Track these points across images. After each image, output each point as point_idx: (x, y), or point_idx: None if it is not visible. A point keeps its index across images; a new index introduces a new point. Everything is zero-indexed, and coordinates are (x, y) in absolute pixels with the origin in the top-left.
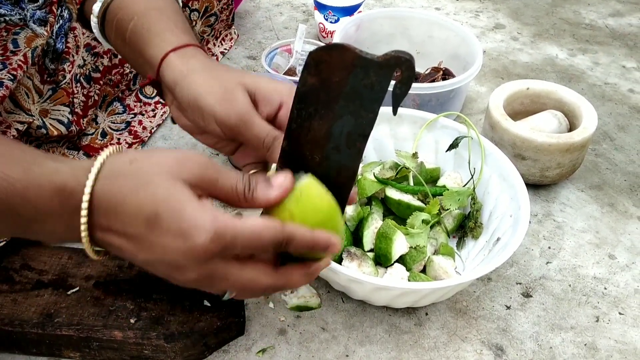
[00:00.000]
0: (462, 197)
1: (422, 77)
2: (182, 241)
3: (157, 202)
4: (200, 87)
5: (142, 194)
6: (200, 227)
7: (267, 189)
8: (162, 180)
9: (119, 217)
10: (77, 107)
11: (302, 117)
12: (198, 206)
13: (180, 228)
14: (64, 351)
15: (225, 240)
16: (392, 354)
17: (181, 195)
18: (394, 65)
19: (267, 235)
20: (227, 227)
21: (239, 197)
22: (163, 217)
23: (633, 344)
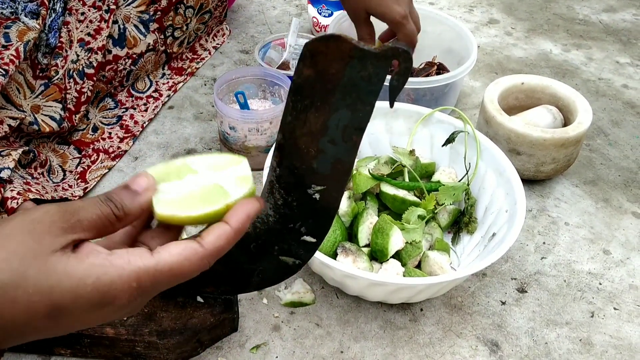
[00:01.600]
0: (457, 192)
1: (417, 72)
2: (103, 309)
3: (47, 296)
4: None
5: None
6: (114, 290)
7: (134, 197)
8: (31, 269)
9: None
10: (69, 104)
11: (297, 110)
12: (96, 267)
13: (93, 302)
14: (55, 348)
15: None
16: (387, 349)
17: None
18: (391, 56)
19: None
20: (141, 274)
21: (110, 221)
22: (65, 304)
23: (628, 339)
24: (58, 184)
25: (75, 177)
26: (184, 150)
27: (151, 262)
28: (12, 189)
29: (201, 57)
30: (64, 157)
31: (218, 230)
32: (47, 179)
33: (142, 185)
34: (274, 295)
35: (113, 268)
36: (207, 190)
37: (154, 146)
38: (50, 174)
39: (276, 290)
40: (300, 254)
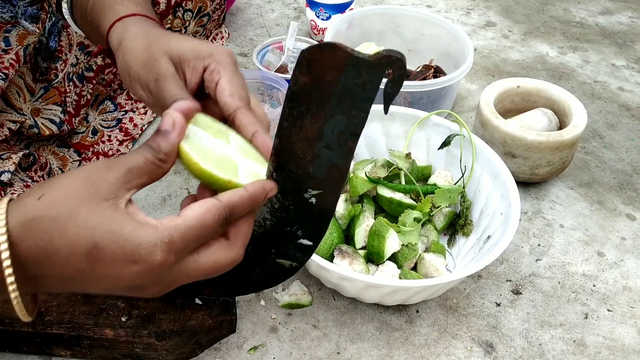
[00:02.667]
0: (453, 194)
1: (414, 75)
2: (134, 265)
3: (91, 232)
4: (131, 54)
5: (70, 230)
6: (146, 244)
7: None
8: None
9: (52, 261)
10: (69, 107)
11: (293, 116)
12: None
13: (126, 252)
14: (55, 349)
15: (177, 245)
16: (383, 351)
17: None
18: (386, 64)
19: (211, 218)
20: (172, 231)
21: (156, 164)
22: (103, 245)
23: (621, 340)
24: None
25: None
26: None
27: (178, 220)
28: (13, 192)
29: None
30: (64, 160)
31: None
32: None
33: (169, 123)
34: (271, 297)
35: (149, 227)
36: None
37: None
38: (51, 176)
39: (274, 292)
40: (297, 256)
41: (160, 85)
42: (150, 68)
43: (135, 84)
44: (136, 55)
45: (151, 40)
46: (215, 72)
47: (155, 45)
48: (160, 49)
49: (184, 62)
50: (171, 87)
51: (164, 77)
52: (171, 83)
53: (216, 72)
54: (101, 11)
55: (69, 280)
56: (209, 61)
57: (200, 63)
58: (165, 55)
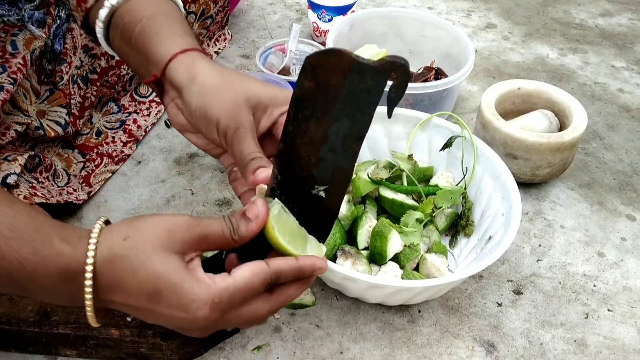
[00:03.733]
0: (455, 195)
1: (415, 77)
2: (185, 314)
3: (157, 279)
4: (211, 95)
5: (141, 273)
6: (198, 301)
7: (248, 224)
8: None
9: (121, 294)
10: (73, 108)
11: (298, 120)
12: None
13: (181, 303)
14: (61, 349)
15: (223, 305)
16: (385, 350)
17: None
18: (390, 69)
19: (258, 281)
20: (222, 292)
21: (228, 242)
22: (164, 293)
23: (621, 340)
24: (63, 188)
25: (79, 181)
26: (186, 154)
27: (229, 281)
28: (19, 193)
29: None
30: (69, 161)
31: (285, 259)
32: (52, 183)
33: (255, 213)
34: None
35: (204, 285)
36: (297, 234)
37: (157, 150)
38: (55, 178)
39: None
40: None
41: (240, 136)
42: (233, 116)
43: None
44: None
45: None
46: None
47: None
48: (242, 95)
49: (262, 109)
50: (250, 141)
51: (244, 129)
52: (250, 137)
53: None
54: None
55: (131, 309)
56: (285, 108)
57: (278, 111)
58: (247, 103)
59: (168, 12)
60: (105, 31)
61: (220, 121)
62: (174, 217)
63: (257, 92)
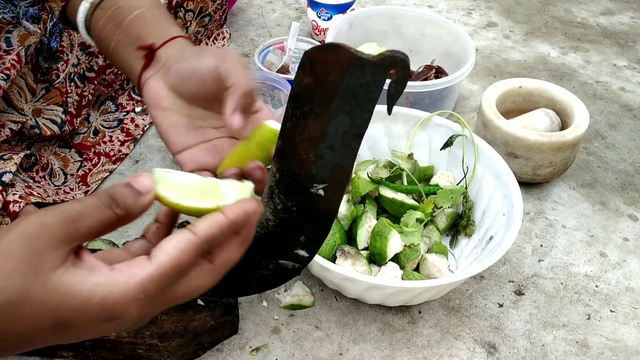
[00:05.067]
0: (455, 195)
1: (415, 75)
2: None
3: (54, 314)
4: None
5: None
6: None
7: (138, 197)
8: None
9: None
10: (70, 107)
11: (296, 116)
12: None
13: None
14: (57, 351)
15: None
16: (385, 352)
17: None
18: (389, 65)
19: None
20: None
21: (110, 223)
22: (72, 321)
23: (624, 341)
24: (59, 187)
25: (76, 180)
26: None
27: (151, 268)
28: (14, 192)
29: None
30: (66, 161)
31: (211, 219)
32: (49, 183)
33: (146, 185)
34: (273, 298)
35: (117, 286)
36: (206, 186)
37: (154, 149)
38: (52, 177)
39: (276, 293)
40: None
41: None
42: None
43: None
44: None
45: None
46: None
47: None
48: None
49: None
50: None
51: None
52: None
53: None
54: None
55: (40, 345)
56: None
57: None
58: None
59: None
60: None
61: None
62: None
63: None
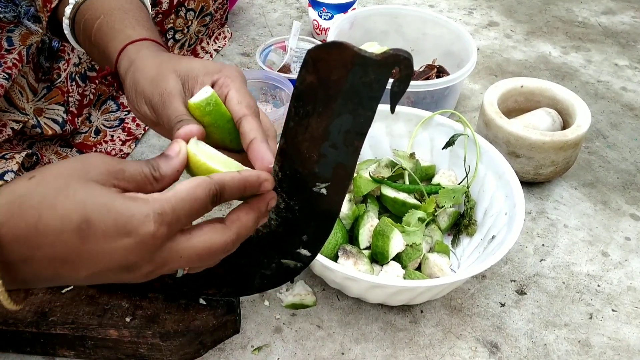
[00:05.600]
0: (457, 194)
1: (417, 75)
2: (127, 237)
3: (82, 206)
4: (141, 72)
5: (60, 204)
6: (138, 214)
7: (168, 161)
8: (75, 183)
9: (41, 239)
10: (72, 106)
11: (299, 115)
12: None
13: (119, 224)
14: (59, 350)
15: (169, 217)
16: (387, 351)
17: (102, 192)
18: (393, 63)
19: (202, 192)
20: (163, 203)
21: (149, 179)
22: (95, 218)
23: (626, 340)
24: None
25: None
26: None
27: (169, 193)
28: None
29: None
30: None
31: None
32: None
33: (176, 150)
34: (275, 297)
35: (140, 199)
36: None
37: (156, 149)
38: None
39: (278, 292)
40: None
41: (164, 100)
42: (157, 84)
43: (140, 99)
44: (146, 73)
45: (162, 60)
46: (224, 85)
47: (165, 64)
48: (170, 67)
49: (192, 79)
50: (176, 105)
51: (169, 94)
52: (176, 100)
53: (225, 85)
54: (110, 33)
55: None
56: (217, 76)
57: (209, 78)
58: (174, 73)
59: (125, 7)
60: (71, 28)
61: (145, 91)
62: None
63: (186, 64)
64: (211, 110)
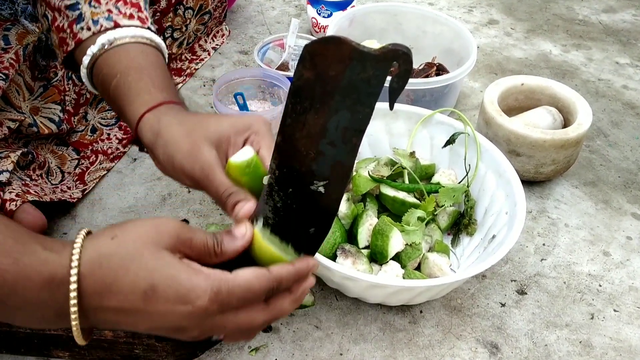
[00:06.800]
0: (457, 193)
1: (416, 73)
2: (183, 306)
3: (151, 274)
4: (172, 145)
5: (133, 270)
6: (197, 289)
7: (233, 241)
8: (148, 252)
9: (113, 296)
10: (68, 105)
11: (296, 112)
12: (189, 269)
13: (179, 294)
14: (53, 351)
15: (222, 296)
16: (386, 352)
17: (170, 262)
18: (391, 58)
19: (259, 286)
20: (222, 283)
21: (210, 252)
22: (160, 287)
23: (628, 341)
24: (57, 186)
25: (73, 178)
26: None
27: (230, 276)
28: (11, 190)
29: (200, 58)
30: (63, 159)
31: (284, 265)
32: (46, 181)
33: (242, 232)
34: None
35: (202, 274)
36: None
37: None
38: (49, 175)
39: None
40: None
41: (206, 174)
42: (195, 158)
43: (179, 174)
44: (178, 146)
45: (189, 127)
46: (255, 142)
47: (194, 133)
48: (201, 136)
49: (225, 142)
50: (220, 177)
51: (209, 167)
52: (218, 172)
53: (256, 142)
54: (127, 95)
55: (122, 315)
56: (248, 133)
57: (241, 138)
58: (207, 142)
59: (141, 65)
60: (89, 77)
61: (184, 168)
62: (162, 218)
63: (215, 127)
64: (250, 171)
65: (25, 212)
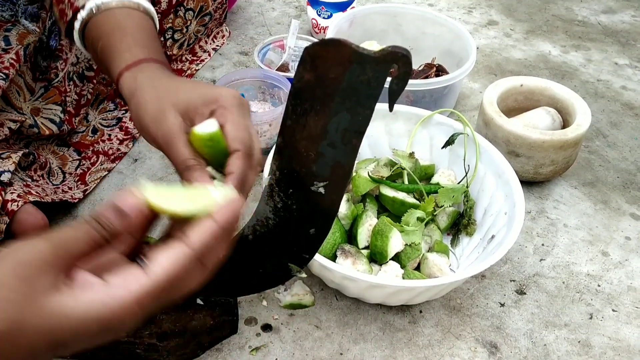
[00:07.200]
0: (457, 194)
1: (416, 74)
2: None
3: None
4: (142, 108)
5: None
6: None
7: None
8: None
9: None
10: (69, 106)
11: (297, 114)
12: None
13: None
14: None
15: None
16: (386, 352)
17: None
18: (391, 60)
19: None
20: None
21: (100, 245)
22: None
23: (626, 340)
24: (58, 186)
25: (75, 179)
26: None
27: (147, 282)
28: (12, 191)
29: (201, 59)
30: (64, 159)
31: (202, 227)
32: (47, 181)
33: (131, 204)
34: (273, 297)
35: (113, 301)
36: (194, 192)
37: (153, 148)
38: (50, 176)
39: (276, 292)
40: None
41: (167, 141)
42: (159, 123)
43: (145, 135)
44: (146, 109)
45: (160, 92)
46: (221, 116)
47: (164, 98)
48: (169, 102)
49: (192, 111)
50: (180, 146)
51: (171, 134)
52: (179, 141)
53: (222, 116)
54: (110, 55)
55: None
56: (214, 106)
57: (207, 109)
58: (174, 109)
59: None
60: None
61: (150, 131)
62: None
63: (184, 95)
64: (212, 144)
65: (27, 213)
